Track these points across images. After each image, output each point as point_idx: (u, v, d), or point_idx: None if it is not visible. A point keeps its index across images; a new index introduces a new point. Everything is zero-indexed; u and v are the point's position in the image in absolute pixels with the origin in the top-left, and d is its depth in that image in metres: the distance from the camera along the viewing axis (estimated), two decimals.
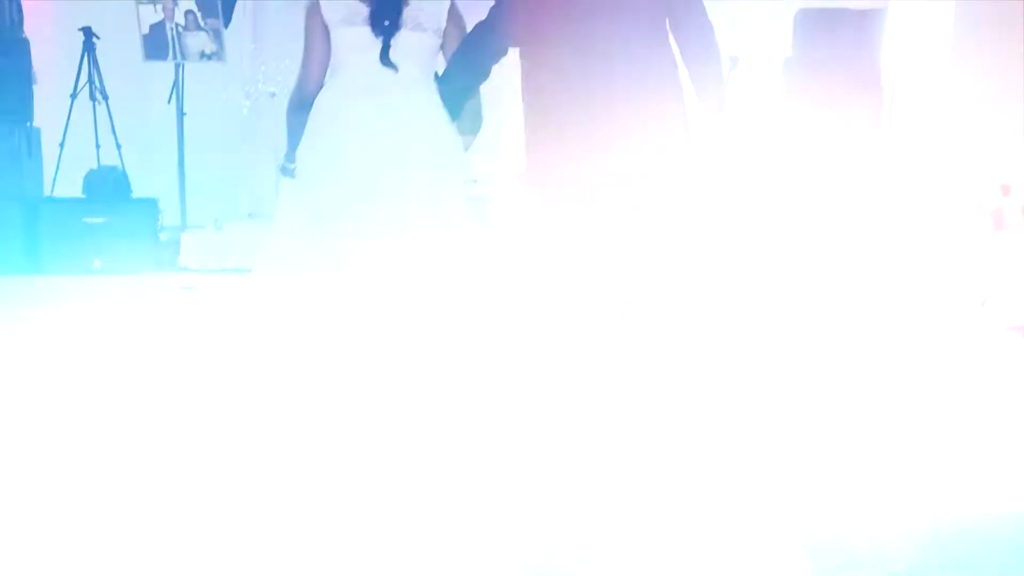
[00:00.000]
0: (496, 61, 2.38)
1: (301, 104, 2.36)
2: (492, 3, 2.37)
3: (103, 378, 3.34)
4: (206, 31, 6.86)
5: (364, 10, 2.24)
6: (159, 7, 6.66)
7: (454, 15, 2.36)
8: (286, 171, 2.42)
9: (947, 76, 6.86)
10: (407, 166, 2.24)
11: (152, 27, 6.66)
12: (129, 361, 3.62)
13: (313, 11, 2.32)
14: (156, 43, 6.70)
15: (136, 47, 6.76)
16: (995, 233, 5.17)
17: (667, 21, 2.38)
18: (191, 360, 3.38)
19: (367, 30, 2.24)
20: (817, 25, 6.43)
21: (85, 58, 6.76)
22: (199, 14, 6.79)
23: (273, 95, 8.68)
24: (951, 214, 7.09)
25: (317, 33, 2.32)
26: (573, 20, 2.26)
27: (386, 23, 2.23)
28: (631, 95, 2.29)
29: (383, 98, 2.25)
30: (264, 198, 8.94)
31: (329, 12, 2.29)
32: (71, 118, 6.71)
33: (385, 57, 2.24)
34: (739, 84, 7.00)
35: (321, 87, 2.34)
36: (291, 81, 8.42)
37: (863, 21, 6.42)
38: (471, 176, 2.50)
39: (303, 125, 2.34)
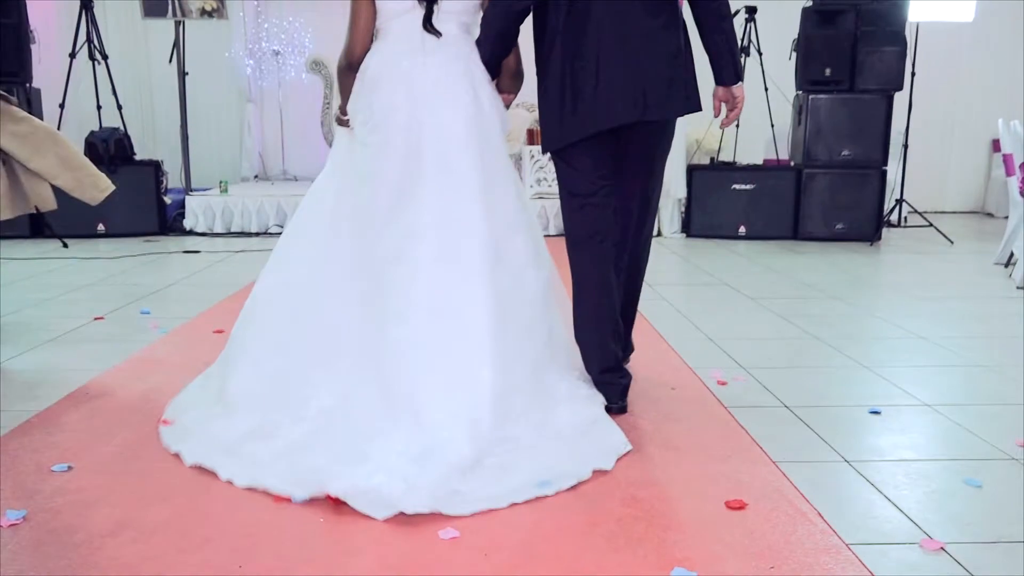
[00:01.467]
0: (520, 20, 2.41)
1: (349, 67, 2.40)
2: None
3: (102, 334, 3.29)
4: None
5: None
6: None
7: None
8: (340, 122, 2.49)
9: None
10: (453, 124, 2.30)
11: None
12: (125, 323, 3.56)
13: None
14: (154, 0, 6.51)
15: (135, 4, 6.57)
16: None
17: None
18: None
19: None
20: None
21: (83, 16, 6.58)
22: None
23: (277, 53, 8.53)
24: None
25: (363, 1, 2.34)
26: None
27: None
28: (645, 59, 2.36)
29: (427, 59, 2.32)
30: (271, 160, 8.82)
31: None
32: (71, 78, 6.56)
33: (428, 23, 2.31)
34: (757, 34, 6.80)
35: (367, 49, 2.39)
36: (295, 39, 8.28)
37: None
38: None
39: (352, 84, 2.40)
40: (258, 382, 2.31)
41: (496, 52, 2.44)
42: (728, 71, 2.54)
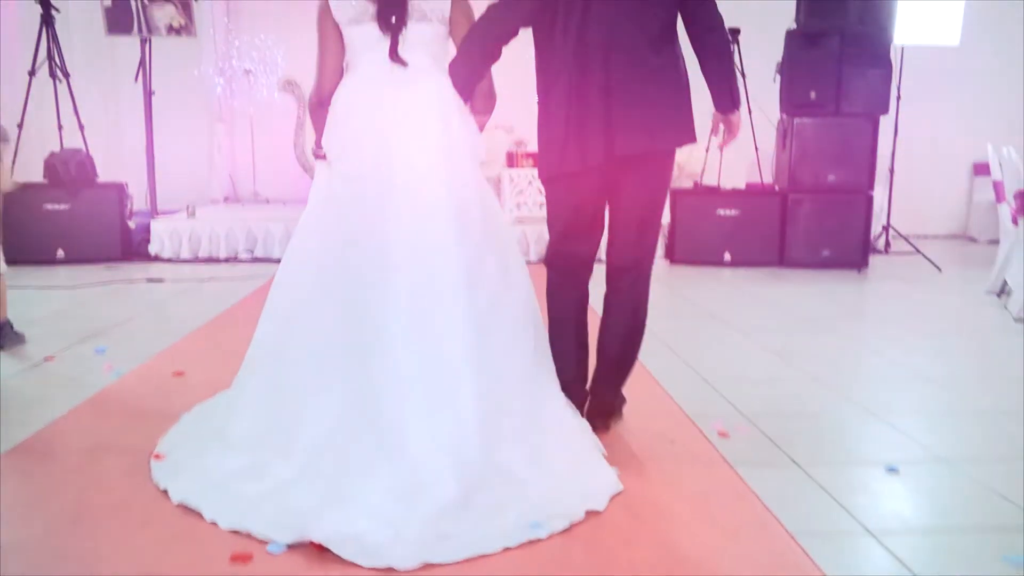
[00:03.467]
0: (506, 42, 2.40)
1: (320, 103, 2.43)
2: None
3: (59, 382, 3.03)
4: (174, 4, 6.42)
5: (371, 8, 2.31)
6: None
7: (458, 1, 2.40)
8: (317, 155, 2.49)
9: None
10: (422, 152, 2.30)
11: None
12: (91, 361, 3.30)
13: (324, 12, 2.38)
14: (120, 16, 6.26)
15: (99, 20, 6.31)
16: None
17: (679, 15, 2.43)
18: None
19: (375, 26, 2.32)
20: None
21: (44, 32, 6.30)
22: None
23: (248, 72, 8.28)
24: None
25: (329, 33, 2.38)
26: (592, 9, 2.34)
27: (392, 19, 2.31)
28: (640, 86, 2.36)
29: (396, 89, 2.33)
30: (242, 181, 8.55)
31: (339, 12, 2.35)
32: (30, 97, 6.27)
33: (394, 53, 2.32)
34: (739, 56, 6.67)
35: (337, 84, 2.42)
36: (267, 57, 8.05)
37: None
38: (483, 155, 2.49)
39: (323, 120, 2.42)
40: (255, 424, 2.27)
41: (477, 72, 2.42)
42: (725, 99, 2.52)
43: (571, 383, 2.53)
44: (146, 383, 3.09)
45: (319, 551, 1.78)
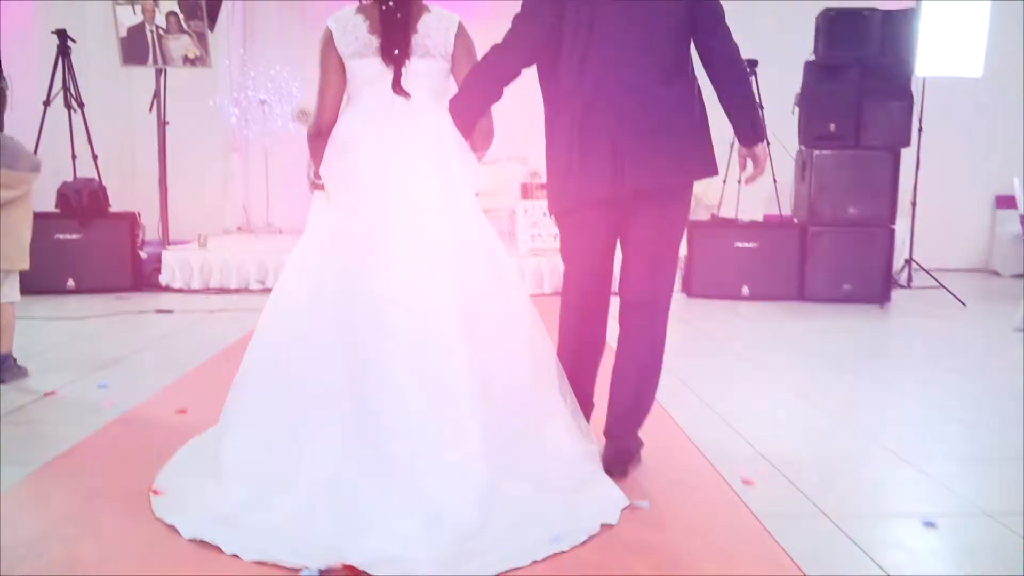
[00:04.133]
0: (508, 82, 2.38)
1: (319, 134, 2.41)
2: (497, 24, 2.43)
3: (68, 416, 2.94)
4: (190, 35, 6.41)
5: (374, 42, 2.33)
6: (138, 8, 6.21)
7: (462, 38, 2.42)
8: (314, 186, 2.48)
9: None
10: (423, 186, 2.29)
11: (130, 30, 6.22)
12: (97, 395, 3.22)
13: (328, 44, 2.38)
14: (135, 47, 6.25)
15: (115, 51, 6.30)
16: None
17: (692, 48, 2.38)
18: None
19: (378, 60, 2.33)
20: (842, 26, 6.07)
21: (60, 62, 6.31)
22: (182, 16, 6.35)
23: (263, 102, 8.28)
24: None
25: (332, 65, 2.38)
26: (596, 44, 2.29)
27: (395, 52, 2.32)
28: (649, 119, 2.30)
29: (397, 122, 2.34)
30: (255, 211, 8.51)
31: (342, 45, 2.36)
32: (44, 126, 6.27)
33: (397, 86, 2.33)
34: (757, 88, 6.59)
35: (337, 116, 2.42)
36: (282, 87, 8.03)
37: (891, 22, 6.05)
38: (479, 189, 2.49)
39: (323, 151, 2.41)
40: (250, 452, 2.25)
41: (478, 111, 2.41)
42: (748, 133, 2.45)
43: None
44: (147, 421, 2.99)
45: (352, 574, 1.80)
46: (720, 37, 2.35)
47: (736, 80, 2.38)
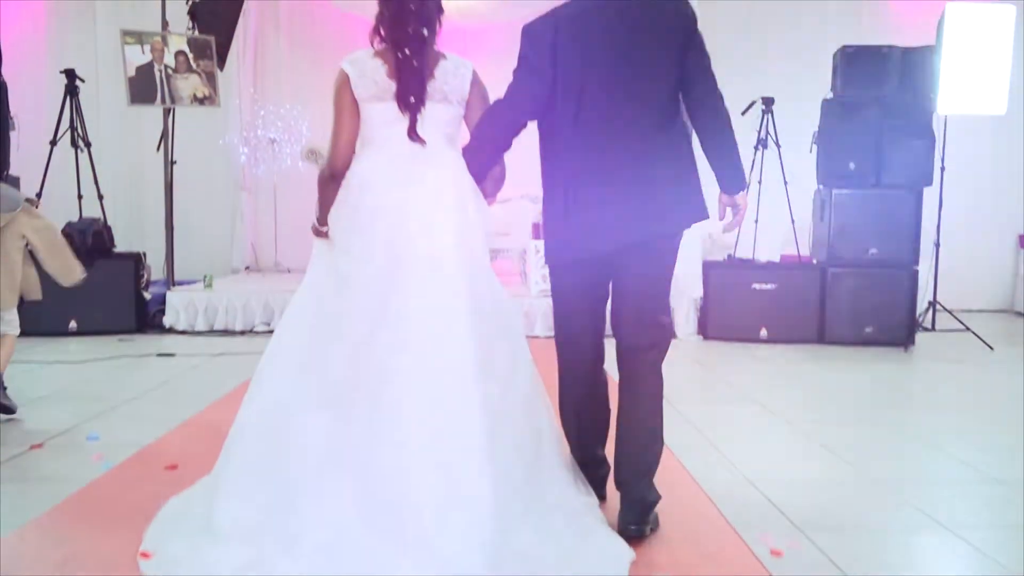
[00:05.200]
0: (516, 134, 2.41)
1: (332, 177, 2.38)
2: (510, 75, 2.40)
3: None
4: (199, 74, 6.35)
5: (392, 87, 2.32)
6: (147, 48, 6.17)
7: (476, 84, 2.44)
8: (317, 232, 2.46)
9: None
10: (440, 232, 2.25)
11: (139, 69, 6.15)
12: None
13: (343, 86, 2.36)
14: (143, 86, 6.19)
15: (123, 89, 6.24)
16: None
17: (681, 100, 2.41)
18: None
19: (395, 105, 2.32)
20: (860, 64, 5.95)
21: (68, 102, 6.27)
22: (191, 56, 6.30)
23: (273, 141, 8.22)
24: None
25: (348, 108, 2.36)
26: (587, 98, 2.32)
27: (411, 100, 2.31)
28: (647, 172, 2.33)
29: (413, 167, 2.31)
30: (264, 251, 8.41)
31: (359, 88, 2.34)
32: (50, 165, 6.21)
33: (413, 132, 2.32)
34: (773, 126, 6.47)
35: (351, 159, 2.39)
36: (293, 126, 7.96)
37: (911, 59, 5.93)
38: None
39: (335, 194, 2.37)
40: (246, 511, 2.16)
41: (492, 162, 2.43)
42: (730, 181, 2.47)
43: (586, 464, 2.54)
44: (135, 478, 2.83)
45: None
46: (706, 89, 2.38)
47: (719, 130, 2.40)
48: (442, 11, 2.41)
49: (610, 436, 2.51)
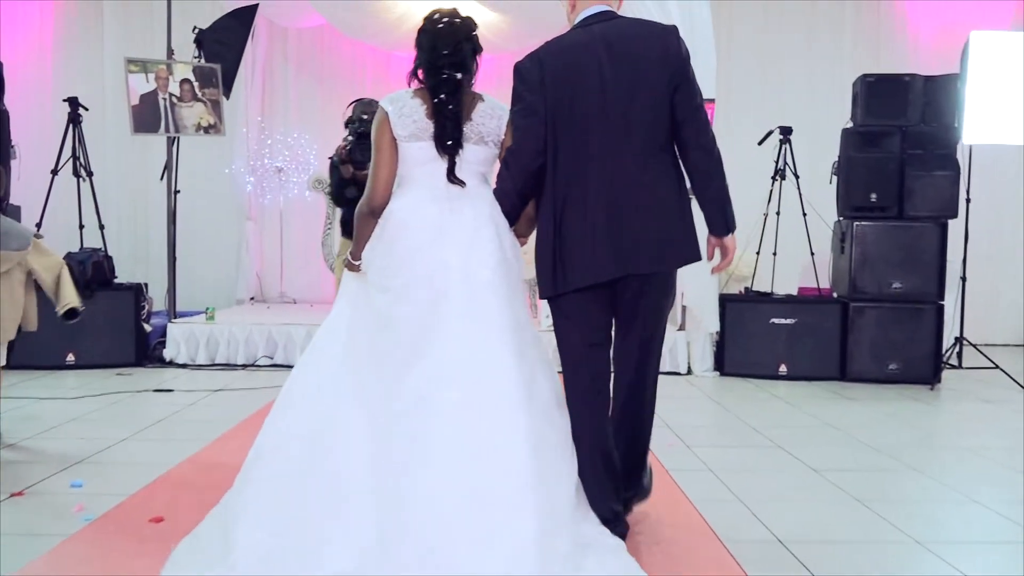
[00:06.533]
0: (538, 177, 2.43)
1: (371, 213, 2.42)
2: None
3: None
4: (204, 103, 6.24)
5: (430, 127, 2.36)
6: (151, 76, 6.06)
7: (511, 127, 2.45)
8: (351, 267, 2.49)
9: None
10: (481, 268, 2.30)
11: (143, 97, 6.05)
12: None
13: (383, 125, 2.40)
14: (146, 115, 6.08)
15: (126, 118, 6.13)
16: None
17: (674, 143, 2.43)
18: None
19: (432, 145, 2.36)
20: (881, 93, 5.78)
21: (70, 130, 6.16)
22: (196, 84, 6.19)
23: (280, 170, 8.10)
24: None
25: (387, 146, 2.40)
26: (577, 135, 2.36)
27: (449, 144, 2.35)
28: (636, 212, 2.36)
29: (449, 204, 2.35)
30: (269, 281, 8.26)
31: (399, 128, 2.38)
32: (51, 195, 6.09)
33: (452, 175, 2.36)
34: (791, 155, 6.29)
35: (390, 196, 2.42)
36: (300, 155, 7.84)
37: (934, 88, 5.76)
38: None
39: (371, 230, 2.41)
40: (266, 536, 2.15)
41: (519, 207, 2.47)
42: (719, 223, 2.47)
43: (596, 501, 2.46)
44: (115, 533, 2.64)
45: None
46: (697, 128, 2.38)
47: (710, 171, 2.41)
48: (479, 51, 2.45)
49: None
